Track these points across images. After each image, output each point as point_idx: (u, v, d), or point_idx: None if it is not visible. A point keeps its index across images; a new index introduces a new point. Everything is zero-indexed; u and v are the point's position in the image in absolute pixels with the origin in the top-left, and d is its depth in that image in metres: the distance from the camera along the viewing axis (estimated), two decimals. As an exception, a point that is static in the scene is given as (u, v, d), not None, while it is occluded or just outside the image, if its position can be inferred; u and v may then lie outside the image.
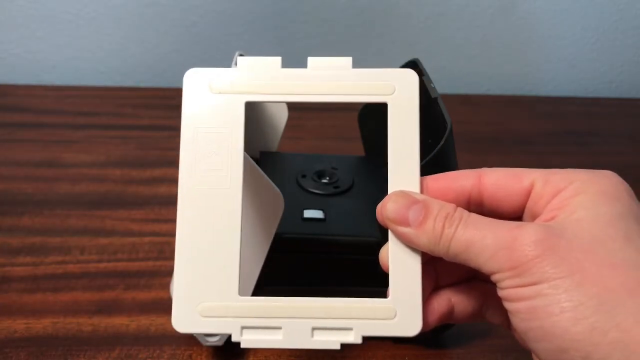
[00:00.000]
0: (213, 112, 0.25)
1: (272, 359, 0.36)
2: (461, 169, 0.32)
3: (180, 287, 0.24)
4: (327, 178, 0.41)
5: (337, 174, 0.42)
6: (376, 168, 0.44)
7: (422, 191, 0.25)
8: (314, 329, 0.24)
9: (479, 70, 0.80)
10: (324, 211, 0.38)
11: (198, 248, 0.25)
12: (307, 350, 0.37)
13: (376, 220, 0.30)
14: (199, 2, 0.74)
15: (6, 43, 0.75)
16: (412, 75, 0.26)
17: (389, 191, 0.25)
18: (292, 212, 0.36)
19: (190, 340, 0.37)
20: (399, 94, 0.25)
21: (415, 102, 0.25)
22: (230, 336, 0.35)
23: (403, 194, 0.24)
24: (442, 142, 0.29)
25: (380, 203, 0.25)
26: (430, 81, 0.36)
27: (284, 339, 0.24)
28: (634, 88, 0.83)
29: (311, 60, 0.26)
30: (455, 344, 0.38)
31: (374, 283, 0.36)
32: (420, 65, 0.37)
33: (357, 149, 0.48)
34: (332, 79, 0.25)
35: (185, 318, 0.24)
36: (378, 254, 0.35)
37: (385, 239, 0.31)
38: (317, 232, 0.36)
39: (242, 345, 0.24)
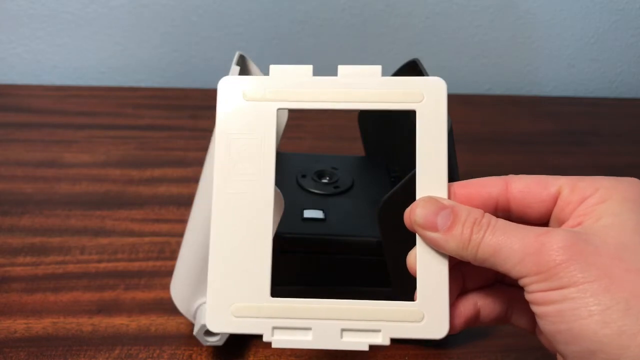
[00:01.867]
0: (246, 119, 0.26)
1: (273, 359, 0.36)
2: (461, 169, 0.32)
3: (214, 289, 0.25)
4: (327, 178, 0.41)
5: (337, 174, 0.42)
6: (376, 168, 0.44)
7: (449, 197, 0.25)
8: (343, 330, 0.25)
9: (479, 70, 0.80)
10: (324, 211, 0.38)
11: (231, 251, 0.25)
12: (308, 349, 0.37)
13: (376, 220, 0.30)
14: (199, 2, 0.74)
15: (6, 43, 0.75)
16: (440, 84, 0.26)
17: (417, 197, 0.25)
18: (292, 212, 0.36)
19: (190, 340, 0.37)
20: (427, 101, 0.26)
21: (444, 110, 0.26)
22: (230, 336, 0.35)
23: (431, 199, 0.25)
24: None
25: (409, 208, 0.25)
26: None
27: (313, 339, 0.25)
28: (634, 88, 0.83)
29: (341, 68, 0.26)
30: (455, 344, 0.38)
31: (374, 283, 0.36)
32: (420, 65, 0.37)
33: (357, 149, 0.48)
34: (362, 87, 0.26)
35: (220, 318, 0.25)
36: (378, 254, 0.35)
37: (385, 240, 0.32)
38: (317, 232, 0.36)
39: (274, 345, 0.25)
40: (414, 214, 0.25)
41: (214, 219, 0.25)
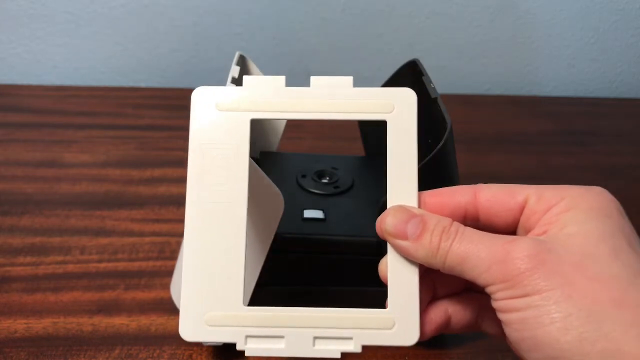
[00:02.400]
0: (220, 129, 0.26)
1: (273, 359, 0.36)
2: (461, 169, 0.32)
3: (188, 298, 0.25)
4: (327, 178, 0.41)
5: (337, 174, 0.42)
6: (376, 168, 0.44)
7: (419, 206, 0.26)
8: (315, 338, 0.25)
9: (479, 70, 0.80)
10: (324, 211, 0.38)
11: (205, 260, 0.26)
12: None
13: (376, 220, 0.31)
14: (199, 2, 0.74)
15: (6, 43, 0.75)
16: (410, 95, 0.27)
17: (388, 205, 0.26)
18: (292, 212, 0.36)
19: (191, 340, 0.37)
20: (398, 112, 0.26)
21: (414, 120, 0.26)
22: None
23: (402, 208, 0.25)
24: (442, 142, 0.29)
25: (380, 217, 0.26)
26: (430, 81, 0.36)
27: (286, 347, 0.25)
28: (634, 88, 0.83)
29: (314, 79, 0.27)
30: (455, 344, 0.38)
31: (374, 283, 0.36)
32: (420, 65, 0.37)
33: (357, 149, 0.48)
34: (334, 98, 0.27)
35: (193, 327, 0.25)
36: (378, 254, 0.35)
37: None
38: (317, 232, 0.36)
39: (247, 354, 0.25)
40: (384, 223, 0.25)
41: (187, 229, 0.26)
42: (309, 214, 0.37)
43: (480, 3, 0.76)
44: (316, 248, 0.36)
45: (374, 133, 0.46)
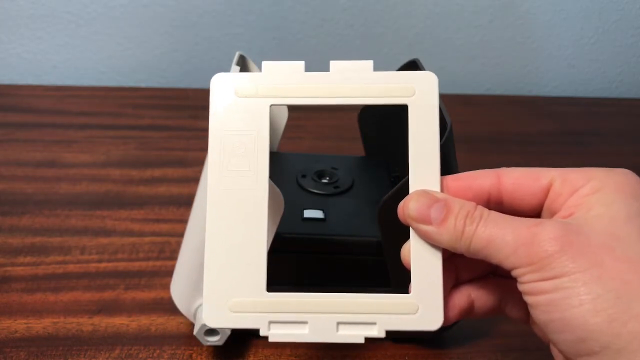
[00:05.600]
0: (239, 115, 0.26)
1: (273, 358, 0.36)
2: (461, 169, 0.32)
3: (211, 284, 0.25)
4: (327, 178, 0.41)
5: (337, 174, 0.42)
6: (376, 168, 0.44)
7: (442, 190, 0.25)
8: (339, 323, 0.25)
9: (479, 70, 0.80)
10: (324, 211, 0.38)
11: (227, 246, 0.25)
12: (307, 349, 0.37)
13: (376, 220, 0.30)
14: (199, 2, 0.74)
15: (6, 43, 0.75)
16: (431, 78, 0.26)
17: (410, 190, 0.25)
18: (292, 212, 0.36)
19: (191, 340, 0.37)
20: (419, 95, 0.26)
21: (435, 104, 0.26)
22: (230, 336, 0.35)
23: (425, 192, 0.25)
24: (442, 142, 0.29)
25: (402, 202, 0.25)
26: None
27: (310, 333, 0.25)
28: (634, 88, 0.83)
29: (333, 64, 0.26)
30: (455, 344, 0.38)
31: (374, 283, 0.36)
32: (420, 65, 0.37)
33: (357, 149, 0.48)
34: (354, 82, 0.26)
35: (216, 314, 0.25)
36: (378, 254, 0.35)
37: (384, 240, 0.32)
38: (317, 232, 0.36)
39: (270, 339, 0.25)
40: (407, 208, 0.25)
41: (209, 216, 0.25)
42: (309, 214, 0.37)
43: (480, 3, 0.76)
44: (316, 248, 0.36)
45: (374, 133, 0.46)
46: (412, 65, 0.38)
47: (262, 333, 0.25)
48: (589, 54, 0.80)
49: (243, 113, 0.26)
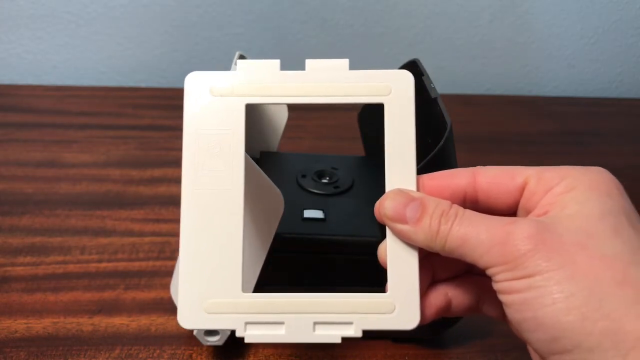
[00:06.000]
0: (214, 114, 0.26)
1: (273, 359, 0.36)
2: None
3: (186, 285, 0.25)
4: (327, 178, 0.41)
5: (337, 174, 0.42)
6: (376, 168, 0.44)
7: (418, 189, 0.26)
8: (315, 323, 0.25)
9: (479, 70, 0.80)
10: (324, 211, 0.38)
11: (202, 247, 0.25)
12: (308, 349, 0.37)
13: (376, 219, 0.31)
14: (199, 2, 0.74)
15: (6, 43, 0.75)
16: (407, 76, 0.26)
17: (387, 189, 0.26)
18: (292, 212, 0.36)
19: (191, 340, 0.37)
20: (395, 94, 0.26)
21: (411, 102, 0.26)
22: (230, 336, 0.35)
23: (400, 192, 0.25)
24: (442, 142, 0.29)
25: (378, 201, 0.25)
26: (430, 81, 0.36)
27: (286, 333, 0.25)
28: (634, 88, 0.83)
29: (309, 62, 0.26)
30: (455, 344, 0.38)
31: (374, 283, 0.36)
32: (420, 65, 0.37)
33: (357, 149, 0.48)
34: (330, 81, 0.26)
35: (191, 315, 0.25)
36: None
37: (385, 238, 0.32)
38: (317, 232, 0.36)
39: (246, 340, 0.25)
40: (382, 207, 0.25)
41: (183, 215, 0.25)
42: (309, 214, 0.37)
43: (480, 3, 0.76)
44: (316, 248, 0.36)
45: (374, 133, 0.46)
46: (412, 65, 0.38)
47: (238, 334, 0.25)
48: (589, 54, 0.80)
49: (218, 112, 0.26)
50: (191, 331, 0.37)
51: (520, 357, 0.37)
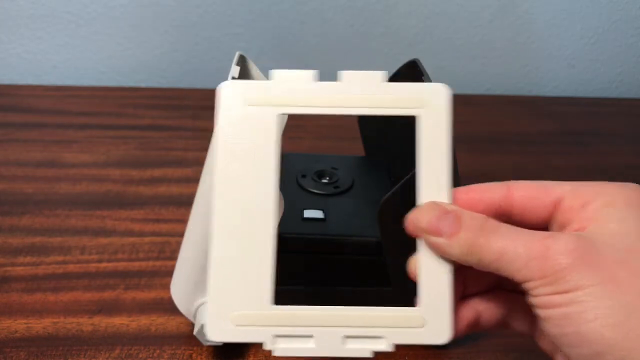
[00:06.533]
0: (247, 124, 0.26)
1: (273, 359, 0.36)
2: (461, 169, 0.32)
3: (215, 297, 0.25)
4: (327, 178, 0.41)
5: (337, 174, 0.42)
6: (376, 168, 0.44)
7: (452, 203, 0.25)
8: (345, 337, 0.25)
9: (479, 70, 0.80)
10: (324, 211, 0.38)
11: (232, 258, 0.25)
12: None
13: (376, 220, 0.31)
14: (199, 2, 0.74)
15: (6, 43, 0.75)
16: (443, 89, 0.26)
17: (420, 202, 0.25)
18: (292, 212, 0.36)
19: (191, 340, 0.37)
20: (430, 107, 0.26)
21: (446, 115, 0.26)
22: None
23: (435, 204, 0.25)
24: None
25: (411, 213, 0.25)
26: (430, 81, 0.36)
27: (316, 347, 0.25)
28: (634, 88, 0.83)
29: (345, 74, 0.26)
30: (455, 344, 0.38)
31: (374, 283, 0.36)
32: (420, 65, 0.37)
33: (357, 149, 0.48)
34: (364, 93, 0.26)
35: (220, 327, 0.25)
36: (377, 254, 0.35)
37: (384, 240, 0.32)
38: (317, 232, 0.36)
39: (274, 354, 0.24)
40: (417, 219, 0.25)
41: (215, 226, 0.25)
42: (309, 214, 0.37)
43: (480, 3, 0.76)
44: (316, 248, 0.36)
45: (374, 133, 0.46)
46: (412, 66, 0.38)
47: (266, 347, 0.24)
48: (589, 54, 0.80)
49: (251, 122, 0.26)
50: (191, 331, 0.37)
51: (520, 357, 0.37)
